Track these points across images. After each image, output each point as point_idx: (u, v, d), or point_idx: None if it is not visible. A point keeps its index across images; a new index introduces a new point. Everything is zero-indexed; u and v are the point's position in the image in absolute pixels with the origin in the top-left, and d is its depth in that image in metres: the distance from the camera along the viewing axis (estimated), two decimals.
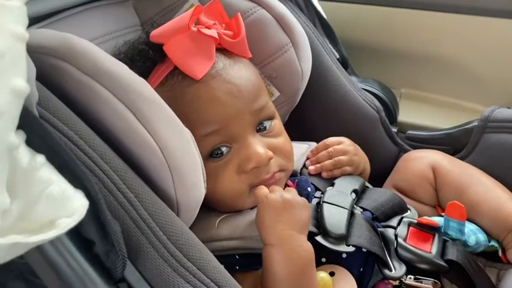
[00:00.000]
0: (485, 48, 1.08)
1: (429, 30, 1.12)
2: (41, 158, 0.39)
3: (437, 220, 0.70)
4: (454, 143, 0.88)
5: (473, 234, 0.70)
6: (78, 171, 0.41)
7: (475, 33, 1.08)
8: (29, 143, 0.39)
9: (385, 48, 1.17)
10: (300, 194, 0.63)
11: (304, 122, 0.88)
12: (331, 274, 0.63)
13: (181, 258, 0.48)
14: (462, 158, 0.84)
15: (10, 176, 0.37)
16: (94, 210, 0.42)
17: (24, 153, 0.38)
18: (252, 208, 0.66)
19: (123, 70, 0.52)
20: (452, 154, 0.85)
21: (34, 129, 0.40)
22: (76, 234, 0.43)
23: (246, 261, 0.63)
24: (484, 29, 1.06)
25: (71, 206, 0.39)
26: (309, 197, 0.68)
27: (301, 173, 0.75)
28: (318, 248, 0.61)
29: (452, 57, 1.12)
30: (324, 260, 0.64)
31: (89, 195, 0.40)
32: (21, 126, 0.38)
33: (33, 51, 0.47)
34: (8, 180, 0.37)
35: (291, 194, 0.61)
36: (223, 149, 0.64)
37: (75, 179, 0.41)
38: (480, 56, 1.09)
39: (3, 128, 0.36)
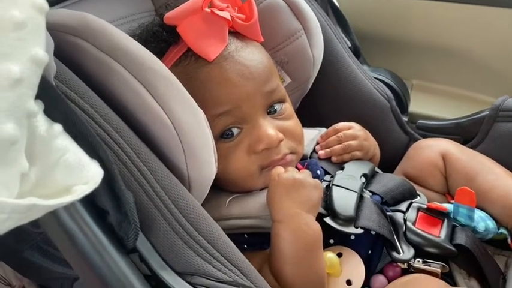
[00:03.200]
0: (496, 40, 1.07)
1: (441, 21, 1.11)
2: (58, 127, 0.41)
3: (447, 206, 0.70)
4: (465, 133, 0.87)
5: (482, 221, 0.70)
6: (94, 141, 0.43)
7: (487, 24, 1.07)
8: (47, 112, 0.40)
9: (397, 39, 1.17)
10: None
11: (314, 109, 0.89)
12: (339, 255, 0.63)
13: (192, 231, 0.49)
14: (472, 147, 0.84)
15: (28, 143, 0.38)
16: (108, 180, 0.43)
17: (42, 122, 0.40)
18: (261, 189, 0.66)
19: (138, 48, 0.53)
20: (463, 143, 0.85)
21: (52, 99, 0.41)
22: (90, 203, 0.44)
23: (254, 240, 0.64)
24: (495, 19, 1.05)
25: (87, 173, 0.40)
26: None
27: (310, 158, 0.76)
28: (326, 229, 0.62)
29: (464, 49, 1.11)
30: (331, 241, 0.65)
31: (103, 165, 0.41)
32: (39, 96, 0.39)
33: (51, 29, 0.48)
34: (26, 147, 0.38)
35: (303, 174, 0.62)
36: (234, 130, 0.65)
37: (91, 149, 0.42)
38: (491, 47, 1.09)
39: (23, 95, 0.37)
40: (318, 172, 0.71)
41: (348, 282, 0.61)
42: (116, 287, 0.44)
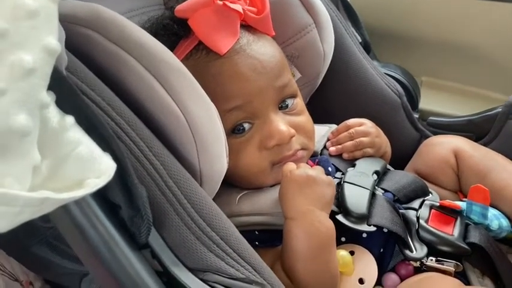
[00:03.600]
0: (507, 36, 1.06)
1: (451, 17, 1.10)
2: (70, 119, 0.40)
3: (460, 204, 0.69)
4: (476, 130, 0.86)
5: (496, 219, 0.68)
6: (106, 134, 0.42)
7: (497, 20, 1.06)
8: (58, 104, 0.40)
9: (406, 35, 1.16)
10: None
11: (324, 105, 0.88)
12: (351, 253, 0.62)
13: (205, 227, 0.48)
14: (485, 145, 0.83)
15: (40, 135, 0.37)
16: (121, 174, 0.42)
17: (54, 113, 0.39)
18: (272, 186, 0.65)
19: (150, 40, 0.52)
20: (475, 141, 0.84)
21: (64, 90, 0.40)
22: (102, 198, 0.43)
23: (265, 237, 0.63)
24: (506, 15, 1.04)
25: (99, 167, 0.39)
26: None
27: (321, 154, 0.75)
28: (337, 227, 0.60)
29: (475, 45, 1.10)
30: (343, 239, 0.64)
31: (116, 158, 0.40)
32: (51, 87, 0.38)
33: (61, 20, 0.47)
34: (38, 139, 0.37)
35: (316, 171, 0.61)
36: (246, 125, 0.64)
37: (103, 141, 0.41)
38: (502, 43, 1.07)
39: (35, 85, 0.36)
40: (329, 169, 0.70)
41: (361, 281, 0.61)
42: (127, 283, 0.43)
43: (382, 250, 0.64)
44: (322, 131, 0.78)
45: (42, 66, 0.36)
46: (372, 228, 0.62)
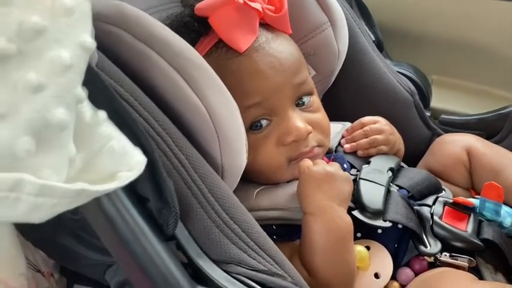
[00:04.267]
0: None
1: (462, 16, 1.10)
2: (102, 114, 0.41)
3: (473, 201, 0.70)
4: (488, 128, 0.87)
5: (509, 216, 0.69)
6: (136, 129, 0.43)
7: (509, 19, 1.06)
8: (91, 99, 0.41)
9: (417, 33, 1.16)
10: None
11: (337, 103, 0.88)
12: (367, 248, 0.63)
13: (228, 220, 0.49)
14: (496, 143, 0.84)
15: (75, 129, 0.38)
16: (150, 168, 0.43)
17: (88, 108, 0.40)
18: (289, 181, 0.67)
19: (174, 37, 0.53)
20: (487, 139, 0.84)
21: (96, 86, 0.42)
22: (131, 190, 0.44)
23: (283, 231, 0.64)
24: None
25: (130, 160, 0.40)
26: None
27: (336, 152, 0.76)
28: (354, 222, 0.61)
29: (485, 44, 1.10)
30: (359, 235, 0.65)
31: (146, 152, 0.42)
32: (84, 83, 0.39)
33: None
34: (73, 133, 0.38)
35: (334, 167, 0.62)
36: (263, 121, 0.65)
37: (133, 136, 0.42)
38: None
39: (72, 81, 0.37)
40: (345, 166, 0.71)
41: (376, 275, 0.62)
42: (155, 273, 0.44)
43: (396, 245, 0.66)
44: (337, 128, 0.79)
45: (79, 62, 0.37)
46: (388, 224, 0.63)
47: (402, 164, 0.77)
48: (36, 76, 0.34)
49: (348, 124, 0.80)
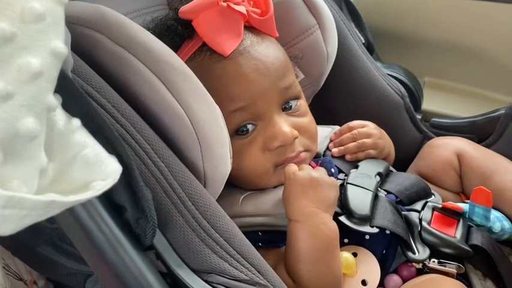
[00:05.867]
0: (510, 37, 1.06)
1: (454, 18, 1.10)
2: (76, 121, 0.40)
3: (462, 206, 0.69)
4: (479, 131, 0.87)
5: (498, 221, 0.69)
6: (112, 136, 0.42)
7: (500, 21, 1.06)
8: (65, 106, 0.40)
9: (409, 36, 1.16)
10: None
11: (327, 106, 0.88)
12: (354, 255, 0.62)
13: (209, 228, 0.48)
14: (487, 146, 0.83)
15: (47, 138, 0.37)
16: (126, 176, 0.42)
17: (61, 116, 0.39)
18: (275, 187, 0.66)
19: (155, 42, 0.52)
20: (478, 142, 0.84)
21: (70, 93, 0.41)
22: (107, 199, 0.43)
23: (268, 238, 0.63)
24: (509, 16, 1.04)
25: (105, 169, 0.39)
26: None
27: (324, 156, 0.75)
28: (340, 228, 0.61)
29: (477, 46, 1.10)
30: (346, 240, 0.64)
31: (121, 160, 0.41)
32: (57, 90, 0.38)
33: (66, 22, 0.47)
34: (45, 141, 0.37)
35: (320, 172, 0.61)
36: (249, 126, 0.64)
37: (109, 144, 0.41)
38: (505, 45, 1.07)
39: (42, 88, 0.36)
40: (332, 170, 0.70)
41: (363, 283, 0.61)
42: (132, 284, 0.43)
43: (384, 252, 0.65)
44: (325, 133, 0.78)
45: (50, 69, 0.36)
46: (375, 230, 0.62)
47: (391, 168, 0.77)
48: (3, 84, 0.33)
49: (337, 128, 0.80)
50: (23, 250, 0.56)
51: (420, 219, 0.66)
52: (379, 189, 0.69)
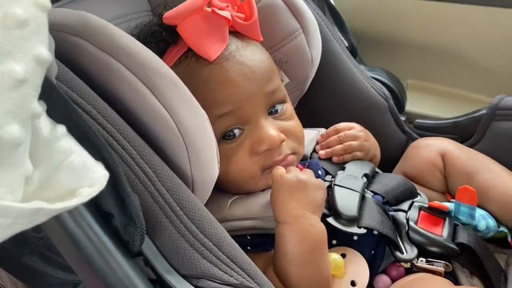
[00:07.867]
0: (491, 39, 1.08)
1: (436, 21, 1.12)
2: (61, 128, 0.39)
3: (448, 205, 0.70)
4: (462, 132, 0.88)
5: (483, 219, 0.70)
6: (98, 143, 0.42)
7: (482, 23, 1.08)
8: (50, 113, 0.39)
9: (392, 39, 1.17)
10: None
11: (312, 110, 0.88)
12: (343, 256, 0.63)
13: (198, 233, 0.48)
14: (470, 146, 0.84)
15: (32, 145, 0.37)
16: (113, 183, 0.42)
17: (46, 123, 0.39)
18: (263, 190, 0.66)
19: (139, 47, 0.52)
20: (461, 142, 0.85)
21: (55, 100, 0.40)
22: (95, 206, 0.43)
23: (257, 241, 0.63)
24: (490, 19, 1.06)
25: (92, 176, 0.39)
26: None
27: (311, 158, 0.75)
28: (328, 229, 0.61)
29: (459, 48, 1.12)
30: (334, 242, 0.65)
31: (108, 167, 0.40)
32: (42, 96, 0.38)
33: (50, 29, 0.47)
34: (30, 149, 0.37)
35: (307, 174, 0.61)
36: (236, 131, 0.64)
37: (95, 150, 0.41)
38: (486, 46, 1.10)
39: (27, 95, 0.36)
40: (319, 172, 0.70)
41: (353, 283, 0.61)
42: None
43: (373, 252, 0.65)
44: (311, 135, 0.78)
45: (33, 76, 0.36)
46: (362, 231, 0.63)
47: (377, 169, 0.77)
48: None
49: (323, 130, 0.80)
50: (8, 260, 0.55)
51: (407, 219, 0.67)
52: (366, 190, 0.69)
